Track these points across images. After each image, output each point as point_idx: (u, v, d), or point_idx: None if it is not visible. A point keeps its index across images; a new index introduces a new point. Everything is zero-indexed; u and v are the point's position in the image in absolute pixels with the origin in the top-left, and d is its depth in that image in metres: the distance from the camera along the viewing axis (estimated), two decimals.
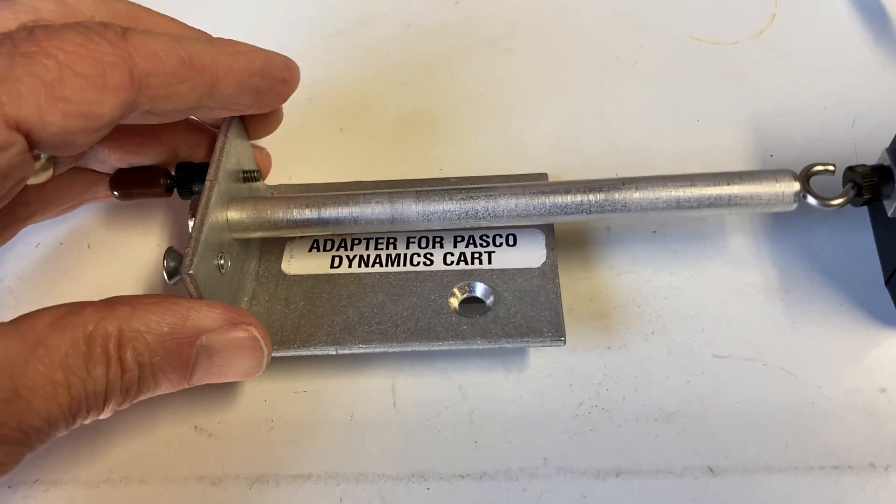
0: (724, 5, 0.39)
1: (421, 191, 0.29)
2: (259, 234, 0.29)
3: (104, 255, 0.33)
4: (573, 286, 0.30)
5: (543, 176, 0.32)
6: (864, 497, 0.26)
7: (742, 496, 0.26)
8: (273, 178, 0.33)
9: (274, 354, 0.28)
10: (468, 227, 0.29)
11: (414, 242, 0.30)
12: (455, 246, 0.30)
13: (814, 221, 0.31)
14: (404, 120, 0.36)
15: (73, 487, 0.28)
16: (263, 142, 0.32)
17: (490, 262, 0.30)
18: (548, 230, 0.30)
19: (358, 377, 0.29)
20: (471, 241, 0.30)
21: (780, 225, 0.31)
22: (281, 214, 0.29)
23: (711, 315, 0.30)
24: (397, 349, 0.28)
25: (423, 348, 0.28)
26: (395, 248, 0.30)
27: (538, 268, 0.29)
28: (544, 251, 0.30)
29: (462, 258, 0.30)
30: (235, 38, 0.38)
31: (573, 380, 0.29)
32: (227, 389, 0.29)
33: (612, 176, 0.30)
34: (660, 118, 0.35)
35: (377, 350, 0.28)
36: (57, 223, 0.33)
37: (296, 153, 0.35)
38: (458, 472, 0.27)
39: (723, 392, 0.28)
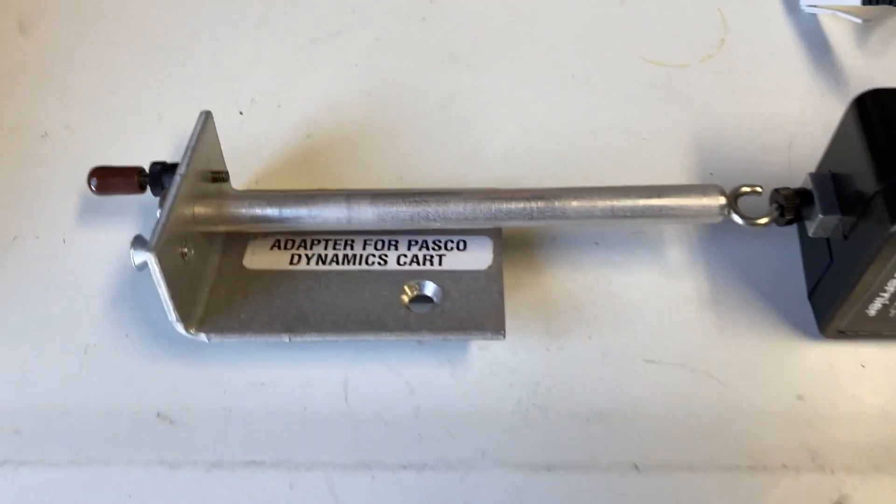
0: (676, 30, 0.41)
1: (377, 193, 0.31)
2: (223, 228, 0.32)
3: (78, 249, 0.34)
4: (518, 292, 0.32)
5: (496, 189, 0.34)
6: (776, 496, 0.28)
7: (664, 492, 0.28)
8: (239, 182, 0.35)
9: (231, 340, 0.30)
10: (420, 228, 0.31)
11: (370, 244, 0.32)
12: (409, 248, 0.32)
13: (746, 237, 0.33)
14: (368, 129, 0.38)
15: (40, 468, 0.29)
16: (231, 143, 0.34)
17: (440, 264, 0.32)
18: (496, 237, 0.32)
19: (312, 372, 0.31)
20: (423, 245, 0.32)
21: (715, 240, 0.33)
22: (244, 210, 0.31)
23: (646, 322, 0.32)
24: (347, 338, 0.30)
25: (372, 338, 0.30)
26: (352, 248, 0.32)
27: (484, 270, 0.31)
28: (491, 256, 0.32)
29: (415, 259, 0.32)
30: (211, 46, 0.41)
31: (513, 379, 0.30)
32: (189, 380, 0.31)
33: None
34: (609, 135, 0.37)
35: (328, 339, 0.30)
36: (31, 218, 0.35)
37: (264, 157, 0.36)
38: (402, 463, 0.29)
39: (652, 395, 0.30)
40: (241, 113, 0.38)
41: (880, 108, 0.27)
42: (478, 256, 0.32)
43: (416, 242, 0.32)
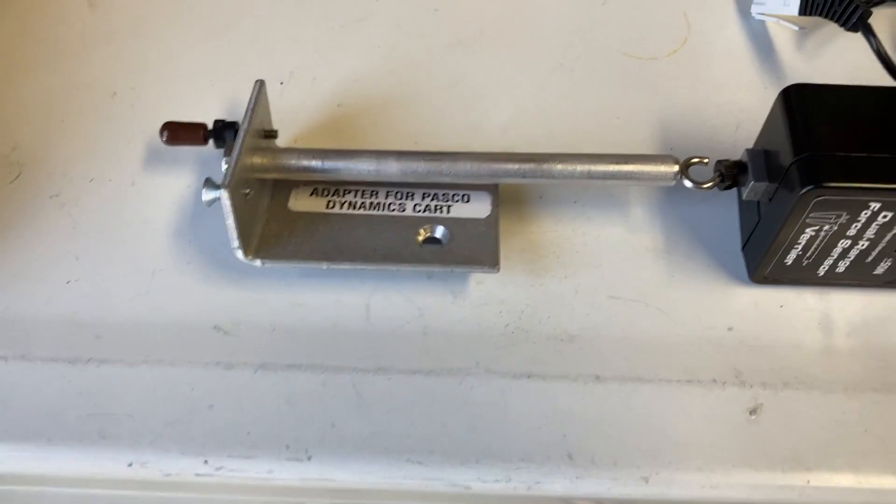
0: (647, 28, 0.47)
1: (401, 152, 0.37)
2: (275, 175, 0.38)
3: (146, 191, 0.41)
4: (510, 239, 0.39)
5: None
6: (706, 402, 0.35)
7: (618, 398, 0.35)
8: (281, 142, 0.41)
9: (281, 265, 0.36)
10: (434, 182, 0.38)
11: (392, 194, 0.39)
12: (423, 199, 0.39)
13: (696, 200, 0.39)
14: (390, 101, 0.44)
15: (119, 366, 0.36)
16: (273, 109, 0.41)
17: (448, 213, 0.38)
18: (494, 193, 0.39)
19: (341, 296, 0.37)
20: (435, 197, 0.39)
21: (671, 201, 0.40)
22: (293, 161, 0.38)
23: (611, 266, 0.38)
24: (373, 267, 0.36)
25: (393, 268, 0.37)
26: (376, 197, 0.39)
27: (484, 219, 0.38)
28: (490, 207, 0.38)
29: (427, 208, 0.38)
30: (256, 25, 0.47)
31: (503, 308, 0.37)
32: (239, 299, 0.37)
33: None
34: (588, 115, 0.43)
35: (357, 267, 0.36)
36: (105, 164, 0.42)
37: (300, 122, 0.43)
38: (412, 369, 0.36)
39: (613, 323, 0.37)
40: (281, 83, 0.44)
41: (801, 99, 0.34)
42: (479, 207, 0.38)
43: (429, 194, 0.39)
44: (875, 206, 0.32)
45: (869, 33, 0.39)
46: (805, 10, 0.43)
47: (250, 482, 0.35)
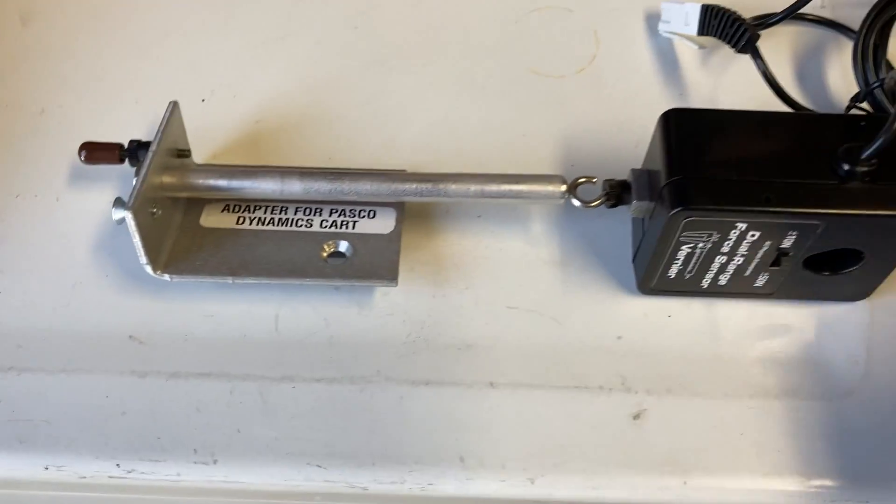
0: (557, 47, 0.49)
1: (305, 171, 0.39)
2: (184, 194, 0.40)
3: (69, 206, 0.42)
4: (416, 252, 0.41)
5: (403, 171, 0.43)
6: (593, 407, 0.37)
7: (510, 404, 0.37)
8: (200, 157, 0.43)
9: (188, 279, 0.38)
10: (338, 200, 0.40)
11: (300, 210, 0.41)
12: (330, 215, 0.41)
13: (593, 215, 0.40)
14: (307, 117, 0.45)
15: (39, 374, 0.38)
16: (194, 125, 0.42)
17: (354, 228, 0.40)
18: (399, 209, 0.41)
19: (251, 307, 0.39)
20: (342, 213, 0.41)
21: (570, 216, 0.41)
22: (201, 181, 0.39)
23: (509, 278, 0.40)
24: (277, 282, 0.38)
25: (296, 282, 0.38)
26: (285, 213, 0.41)
27: (387, 234, 0.40)
28: (394, 223, 0.40)
29: (334, 224, 0.40)
30: (181, 43, 0.49)
31: (406, 318, 0.39)
32: (155, 310, 0.39)
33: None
34: (497, 132, 0.45)
35: (261, 282, 0.38)
36: (31, 180, 0.43)
37: (220, 137, 0.44)
38: (316, 377, 0.38)
39: (509, 332, 0.39)
40: (203, 100, 0.46)
41: (677, 123, 0.36)
42: (383, 223, 0.40)
43: (336, 210, 0.41)
44: (742, 226, 0.34)
45: (756, 56, 0.41)
46: (702, 30, 0.45)
47: (160, 484, 0.36)
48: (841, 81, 0.47)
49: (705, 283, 0.38)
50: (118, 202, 0.36)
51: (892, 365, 0.38)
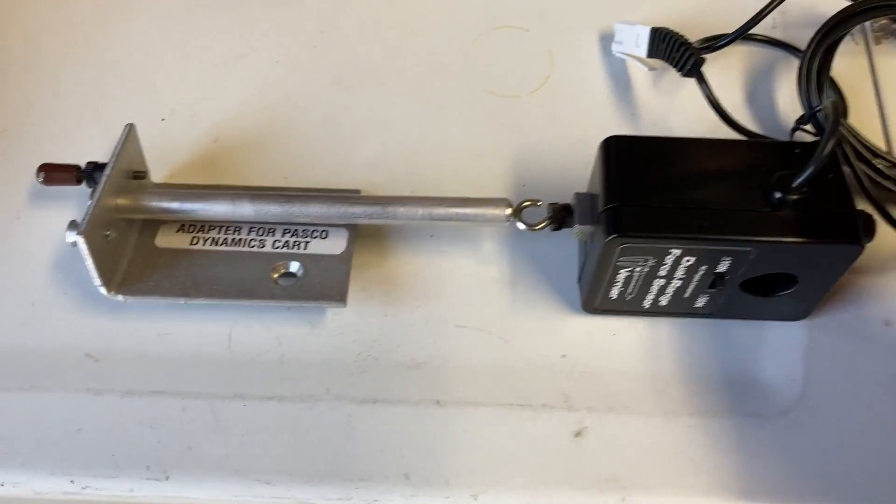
0: (513, 67, 0.49)
1: (255, 194, 0.40)
2: (139, 216, 0.41)
3: (29, 225, 0.43)
4: (369, 272, 0.42)
5: (357, 192, 0.43)
6: (536, 425, 0.37)
7: (455, 421, 0.38)
8: (158, 176, 0.44)
9: (140, 300, 0.39)
10: (289, 222, 0.41)
11: (253, 230, 0.42)
12: (283, 235, 0.41)
13: (542, 236, 0.41)
14: (265, 136, 0.46)
15: None
16: (153, 143, 0.43)
17: (306, 249, 0.41)
18: (352, 229, 0.42)
19: (205, 326, 0.40)
20: (294, 233, 0.41)
21: (520, 236, 0.42)
22: (154, 203, 0.40)
23: (460, 297, 0.41)
24: (227, 303, 0.39)
25: (246, 304, 0.39)
26: (238, 233, 0.41)
27: (338, 255, 0.41)
28: (345, 244, 0.41)
29: (286, 244, 0.41)
30: (143, 62, 0.49)
31: (357, 337, 0.40)
32: (111, 329, 0.40)
33: (409, 193, 0.43)
34: (451, 151, 0.46)
35: (212, 302, 0.39)
36: None
37: (179, 156, 0.45)
38: (267, 395, 0.38)
39: (457, 350, 0.40)
40: (163, 119, 0.47)
41: (616, 150, 0.37)
42: (335, 243, 0.41)
43: (289, 230, 0.41)
44: (677, 252, 0.35)
45: (701, 80, 0.42)
46: (651, 53, 0.46)
47: (113, 500, 0.37)
48: (791, 102, 0.47)
49: (647, 304, 0.39)
50: (72, 225, 0.37)
51: (828, 384, 0.39)
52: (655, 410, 0.38)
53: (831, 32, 0.45)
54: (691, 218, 0.35)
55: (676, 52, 0.44)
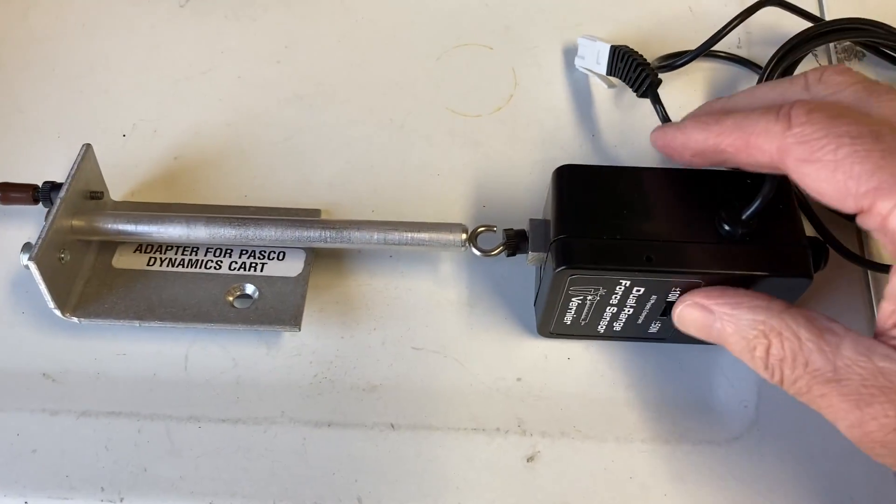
0: (476, 85, 0.49)
1: (210, 217, 0.40)
2: (94, 238, 0.41)
3: None
4: (327, 292, 0.42)
5: (317, 212, 0.43)
6: (489, 450, 0.38)
7: (409, 445, 0.38)
8: (118, 193, 0.44)
9: (95, 322, 0.39)
10: (243, 245, 0.41)
11: (210, 251, 0.42)
12: (240, 256, 0.41)
13: (501, 258, 0.41)
14: (225, 154, 0.46)
15: None
16: (113, 160, 0.43)
17: (262, 270, 0.41)
18: (309, 251, 0.42)
19: (162, 347, 0.40)
20: (252, 254, 0.42)
21: (477, 258, 0.42)
22: (110, 226, 0.40)
23: (417, 319, 0.41)
24: (182, 326, 0.39)
25: (200, 326, 0.39)
26: (195, 254, 0.41)
27: (294, 277, 0.41)
28: (302, 266, 0.41)
29: (242, 266, 0.41)
30: (105, 77, 0.49)
31: (313, 358, 0.40)
32: (68, 349, 0.40)
33: (370, 213, 0.43)
34: (412, 170, 0.46)
35: (167, 326, 0.39)
36: None
37: (139, 174, 0.45)
38: (222, 417, 0.39)
39: (413, 373, 0.40)
40: (123, 135, 0.46)
41: (569, 180, 0.37)
42: (292, 265, 0.41)
43: (246, 252, 0.42)
44: (626, 283, 0.35)
45: (656, 101, 0.42)
46: (610, 71, 0.46)
47: None
48: None
49: (601, 329, 0.39)
50: (26, 247, 0.37)
51: (781, 410, 0.39)
52: (608, 435, 0.39)
53: (791, 53, 0.45)
54: (639, 250, 0.35)
55: (633, 72, 0.44)
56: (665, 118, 0.42)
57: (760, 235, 0.35)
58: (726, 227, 0.35)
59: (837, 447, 0.38)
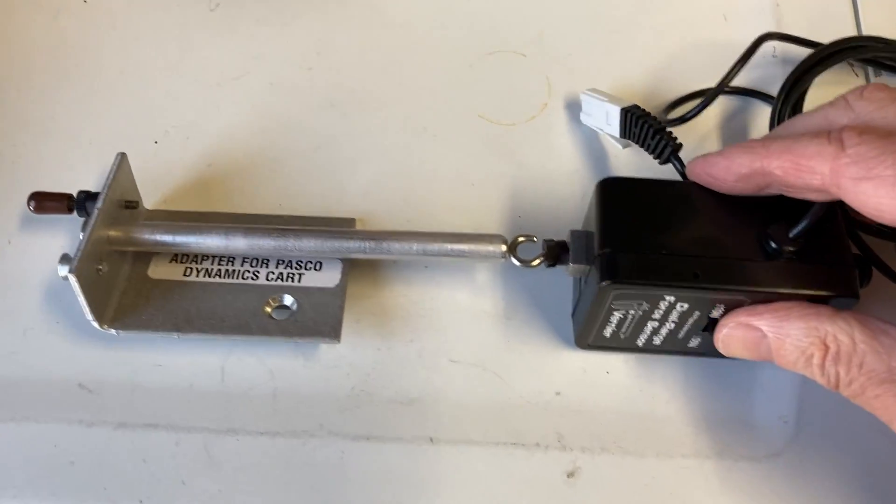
0: (510, 93, 0.49)
1: (249, 228, 0.40)
2: (131, 248, 0.40)
3: (22, 251, 0.43)
4: (363, 303, 0.42)
5: (352, 221, 0.43)
6: (529, 465, 0.38)
7: (448, 460, 0.38)
8: (151, 201, 0.44)
9: (133, 333, 0.39)
10: (282, 256, 0.41)
11: (247, 262, 0.41)
12: (276, 267, 0.41)
13: (537, 268, 0.41)
14: (259, 161, 0.46)
15: None
16: (146, 167, 0.43)
17: (300, 281, 0.41)
18: (345, 261, 0.41)
19: (198, 358, 0.40)
20: (288, 265, 0.41)
21: (513, 268, 0.41)
22: (147, 236, 0.40)
23: (454, 331, 0.41)
24: (221, 338, 0.39)
25: (239, 339, 0.39)
26: (232, 264, 0.41)
27: (332, 288, 0.41)
28: (339, 276, 0.41)
29: (280, 276, 0.41)
30: (135, 84, 0.49)
31: (350, 370, 0.40)
32: (104, 359, 0.40)
33: (405, 222, 0.43)
34: (446, 179, 0.45)
35: (206, 337, 0.39)
36: None
37: (172, 181, 0.45)
38: (260, 430, 0.38)
39: (451, 386, 0.40)
40: (156, 142, 0.46)
41: (612, 193, 0.37)
42: (329, 276, 0.41)
43: (283, 262, 0.41)
44: (671, 298, 0.35)
45: (680, 165, 0.41)
46: (624, 133, 0.44)
47: None
48: None
49: (640, 343, 0.39)
50: (64, 259, 0.37)
51: (820, 426, 0.39)
52: (648, 451, 0.38)
53: (799, 82, 0.45)
54: (686, 266, 0.34)
55: (651, 139, 0.42)
56: (684, 174, 0.42)
57: (807, 254, 0.35)
58: (773, 245, 0.35)
59: (877, 463, 0.38)
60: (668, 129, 0.42)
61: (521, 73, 0.50)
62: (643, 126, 0.43)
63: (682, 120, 0.45)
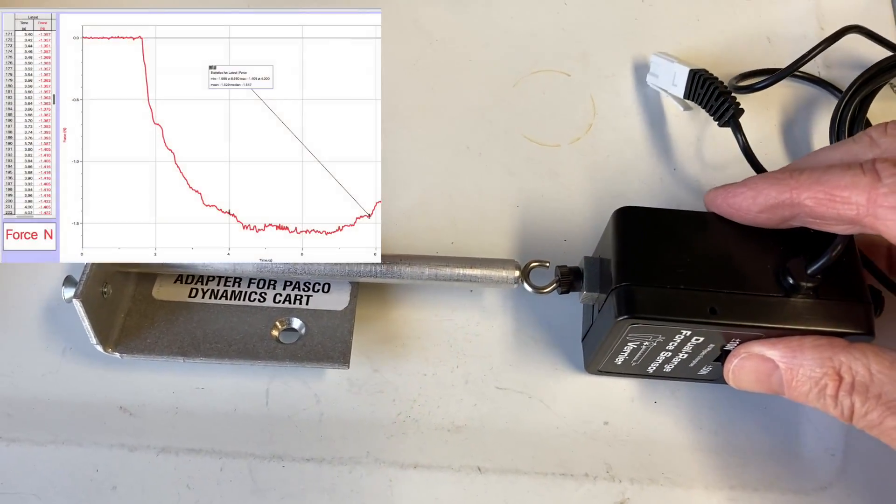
0: (555, 113, 0.48)
1: None
2: (136, 270, 0.40)
3: (59, 270, 0.42)
4: (406, 326, 0.41)
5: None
6: (577, 496, 0.37)
7: (497, 490, 0.38)
8: None
9: (135, 357, 0.38)
10: (291, 278, 0.40)
11: (254, 283, 0.41)
12: (284, 289, 0.41)
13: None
14: None
15: (27, 445, 0.38)
16: None
17: (307, 304, 0.40)
18: (354, 284, 0.41)
19: (242, 381, 0.39)
20: (296, 286, 0.41)
21: (551, 298, 0.41)
22: None
23: (501, 357, 0.41)
24: (228, 363, 0.38)
25: (246, 364, 0.38)
26: (238, 286, 0.41)
27: (341, 311, 0.40)
28: (348, 299, 0.40)
29: (287, 298, 0.40)
30: None
31: (396, 396, 0.40)
32: (146, 381, 0.39)
33: (448, 245, 0.42)
34: (490, 200, 0.45)
35: (212, 363, 0.38)
36: None
37: None
38: (306, 457, 0.38)
39: (498, 414, 0.39)
40: None
41: (629, 223, 0.37)
42: (338, 298, 0.40)
43: (290, 283, 0.41)
44: (686, 332, 0.35)
45: (738, 131, 0.42)
46: (688, 95, 0.45)
47: None
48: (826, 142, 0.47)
49: (651, 370, 0.39)
50: (68, 281, 0.37)
51: (868, 459, 0.39)
52: (696, 483, 0.38)
53: (870, 81, 0.45)
54: (703, 301, 0.34)
55: (715, 100, 0.43)
56: (746, 147, 0.42)
57: (824, 290, 0.35)
58: (790, 280, 0.34)
59: None
60: (733, 95, 0.43)
61: (566, 91, 0.50)
62: (709, 87, 0.43)
63: (751, 89, 0.45)
